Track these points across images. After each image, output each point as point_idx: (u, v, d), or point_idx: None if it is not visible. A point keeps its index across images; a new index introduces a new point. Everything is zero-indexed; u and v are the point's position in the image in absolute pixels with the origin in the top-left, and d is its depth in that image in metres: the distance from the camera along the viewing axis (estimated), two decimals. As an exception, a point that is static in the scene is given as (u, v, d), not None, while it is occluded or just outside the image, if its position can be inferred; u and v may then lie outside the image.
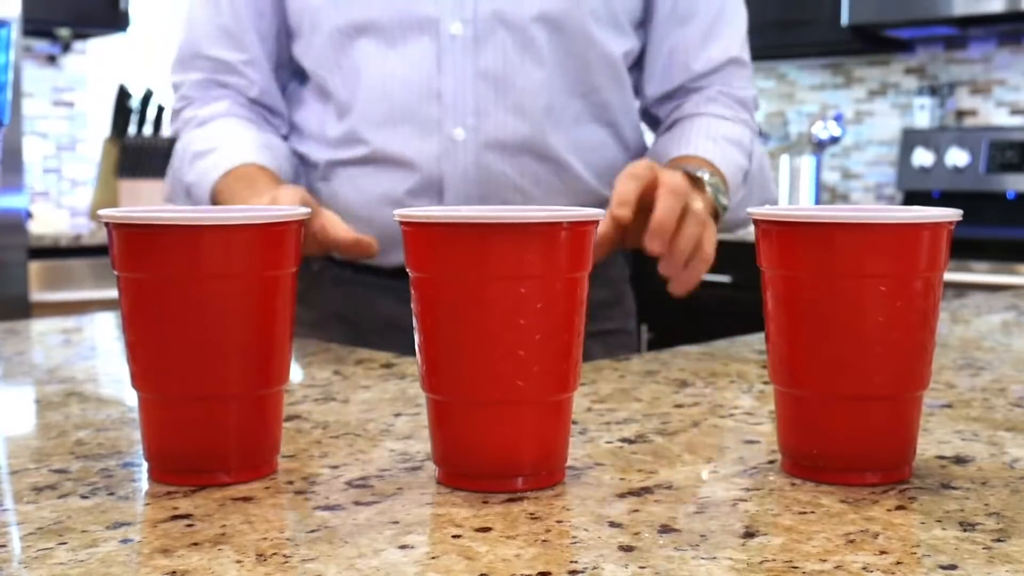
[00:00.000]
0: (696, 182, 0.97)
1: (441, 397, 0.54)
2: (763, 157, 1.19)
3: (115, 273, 0.55)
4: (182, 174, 1.09)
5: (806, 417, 0.55)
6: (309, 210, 0.57)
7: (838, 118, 3.43)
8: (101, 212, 0.55)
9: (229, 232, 0.53)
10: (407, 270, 0.54)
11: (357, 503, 0.51)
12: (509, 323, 0.52)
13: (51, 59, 3.55)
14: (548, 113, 1.06)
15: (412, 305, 0.54)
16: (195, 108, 1.13)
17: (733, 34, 1.13)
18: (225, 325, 0.54)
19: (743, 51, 1.15)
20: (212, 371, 0.54)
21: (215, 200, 1.04)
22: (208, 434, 0.55)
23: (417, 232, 0.53)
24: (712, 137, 1.08)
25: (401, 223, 0.54)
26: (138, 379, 0.55)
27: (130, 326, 0.55)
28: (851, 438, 0.54)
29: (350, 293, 1.14)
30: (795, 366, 0.55)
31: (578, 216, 0.53)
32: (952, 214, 0.54)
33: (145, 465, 0.57)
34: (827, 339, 0.54)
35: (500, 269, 0.51)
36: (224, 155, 1.05)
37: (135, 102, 3.36)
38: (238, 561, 0.44)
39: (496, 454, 0.53)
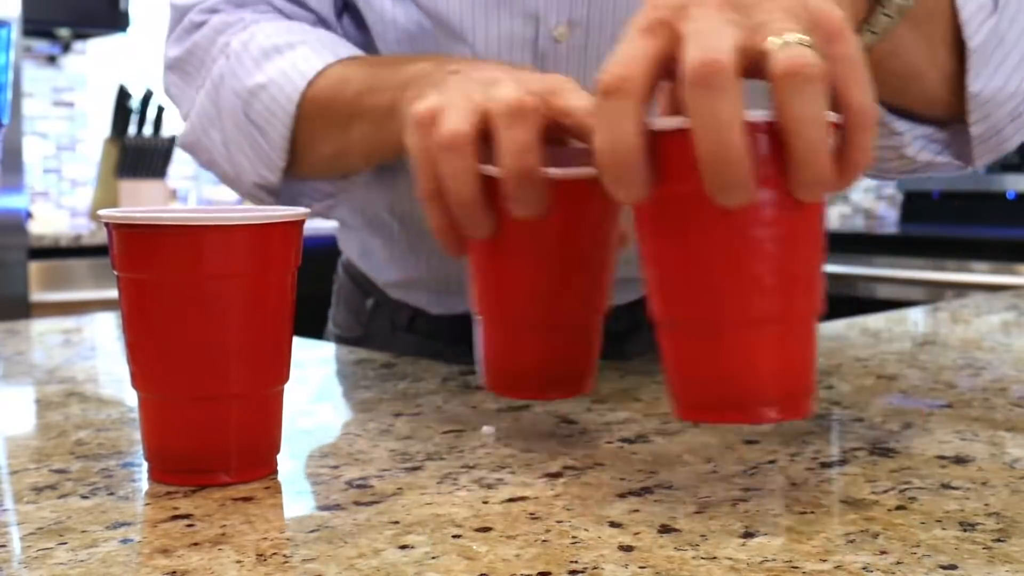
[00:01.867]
0: None
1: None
2: None
3: (115, 273, 0.55)
4: (237, 79, 0.81)
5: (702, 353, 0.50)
6: (308, 211, 0.57)
7: (838, 118, 3.42)
8: (101, 212, 0.55)
9: (229, 232, 0.53)
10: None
11: (357, 503, 0.51)
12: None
13: (51, 59, 3.55)
14: None
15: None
16: (237, 12, 0.85)
17: None
18: (225, 325, 0.54)
19: None
20: (212, 371, 0.54)
21: (315, 100, 0.77)
22: (208, 434, 0.55)
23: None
24: None
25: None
26: (138, 379, 0.55)
27: (130, 326, 0.55)
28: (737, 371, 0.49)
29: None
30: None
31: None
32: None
33: (145, 465, 0.57)
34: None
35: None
36: (323, 45, 0.79)
37: (135, 102, 3.36)
38: (238, 561, 0.44)
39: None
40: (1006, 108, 0.72)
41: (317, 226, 1.10)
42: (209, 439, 0.55)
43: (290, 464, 0.59)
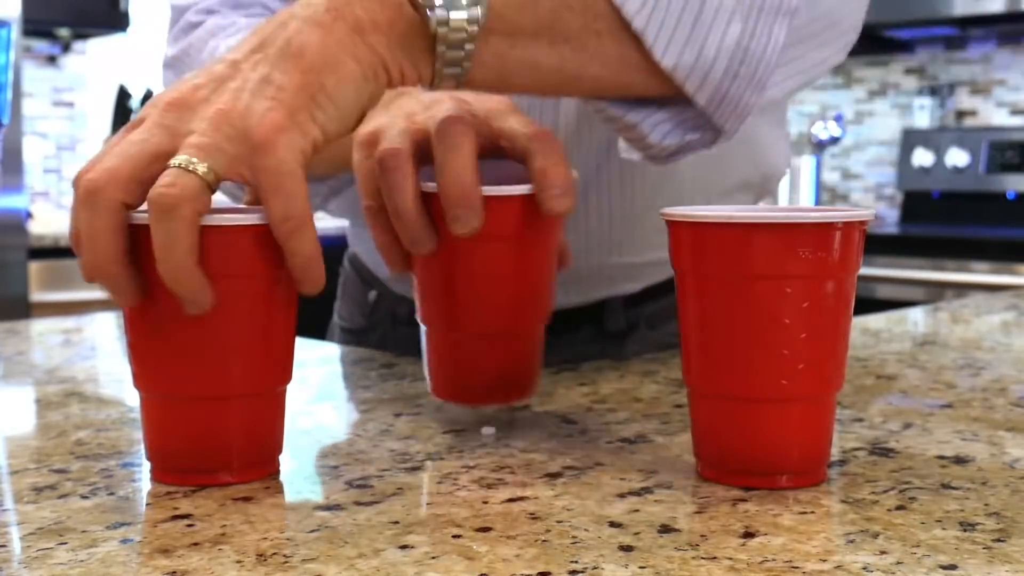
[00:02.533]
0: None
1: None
2: None
3: (115, 273, 0.55)
4: (198, 53, 0.85)
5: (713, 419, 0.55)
6: None
7: (838, 118, 3.43)
8: (101, 212, 0.55)
9: (230, 233, 0.53)
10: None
11: (357, 503, 0.51)
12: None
13: (51, 59, 3.55)
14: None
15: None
16: (231, 15, 0.88)
17: None
18: (226, 325, 0.53)
19: None
20: (214, 371, 0.54)
21: None
22: (209, 434, 0.55)
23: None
24: None
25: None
26: (140, 379, 0.55)
27: (131, 326, 0.55)
28: (764, 440, 0.54)
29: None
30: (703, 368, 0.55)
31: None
32: (864, 214, 0.53)
33: (145, 465, 0.57)
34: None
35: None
36: None
37: (135, 102, 3.36)
38: (238, 561, 0.44)
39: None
40: (717, 70, 0.64)
41: (324, 225, 1.10)
42: (211, 439, 0.55)
43: (290, 464, 0.59)
